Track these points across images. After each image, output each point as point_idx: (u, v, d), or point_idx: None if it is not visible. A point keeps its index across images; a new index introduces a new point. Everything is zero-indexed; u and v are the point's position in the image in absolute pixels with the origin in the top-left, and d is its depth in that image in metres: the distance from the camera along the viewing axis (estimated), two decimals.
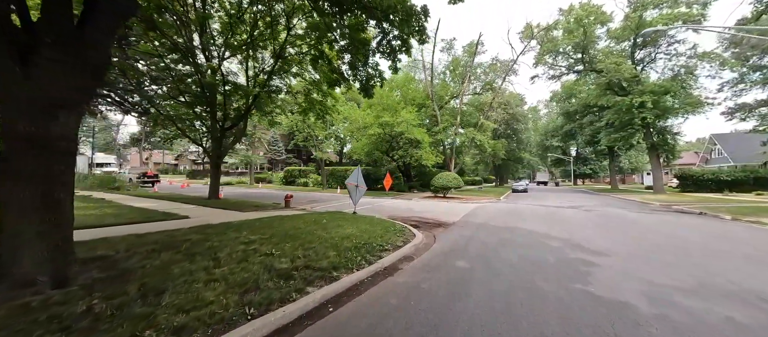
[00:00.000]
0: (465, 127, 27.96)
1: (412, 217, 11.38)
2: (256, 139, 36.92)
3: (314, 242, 6.01)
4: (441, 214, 12.17)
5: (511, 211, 13.26)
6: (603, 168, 65.52)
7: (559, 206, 15.62)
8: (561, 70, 31.83)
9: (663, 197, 23.16)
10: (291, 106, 19.14)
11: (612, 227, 8.80)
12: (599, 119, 34.27)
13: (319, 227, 7.76)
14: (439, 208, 14.39)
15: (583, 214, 12.12)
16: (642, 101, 24.82)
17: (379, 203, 16.98)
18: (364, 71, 9.15)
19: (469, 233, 8.01)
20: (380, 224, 8.60)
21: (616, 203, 18.58)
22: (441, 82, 28.07)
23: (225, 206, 12.39)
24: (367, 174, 28.54)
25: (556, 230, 8.25)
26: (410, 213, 12.49)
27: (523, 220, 10.19)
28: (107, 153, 66.70)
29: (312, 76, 15.50)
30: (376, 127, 21.27)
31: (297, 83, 18.53)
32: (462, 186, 20.96)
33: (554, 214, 11.96)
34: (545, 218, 10.81)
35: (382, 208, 14.34)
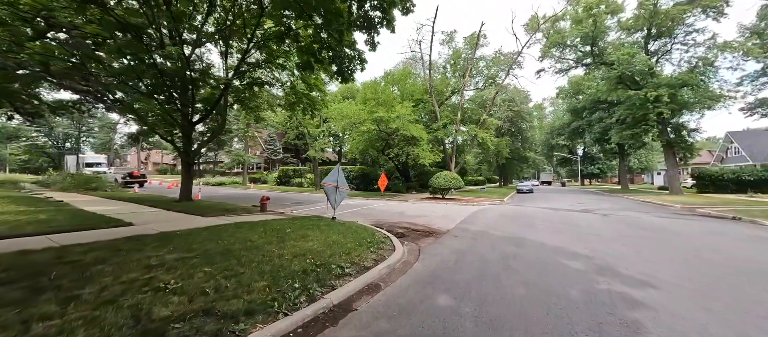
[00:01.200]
0: (467, 124, 26.28)
1: (401, 223, 9.83)
2: (248, 138, 35.58)
3: (250, 263, 4.49)
4: (435, 219, 10.60)
5: (516, 215, 11.64)
6: (611, 168, 63.44)
7: (570, 209, 13.96)
8: (569, 63, 30.04)
9: (681, 198, 21.33)
10: (279, 100, 17.68)
11: (643, 239, 7.15)
12: (609, 116, 32.44)
13: (277, 239, 6.25)
14: (435, 211, 12.81)
15: (601, 219, 10.46)
16: (657, 95, 23.02)
17: (369, 205, 15.45)
18: (339, 49, 7.59)
19: (464, 245, 6.44)
20: (355, 234, 7.06)
21: (632, 205, 16.86)
22: (441, 77, 26.41)
23: (190, 209, 10.94)
24: (363, 174, 27.06)
25: (573, 242, 6.64)
26: (400, 218, 10.93)
27: (530, 227, 8.57)
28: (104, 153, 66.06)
29: (294, 65, 14.01)
30: (370, 123, 19.73)
31: (277, 75, 17.10)
32: (462, 186, 19.35)
33: (567, 219, 10.32)
34: (557, 224, 9.18)
35: (371, 211, 12.81)
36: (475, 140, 25.43)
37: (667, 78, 24.61)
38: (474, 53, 24.83)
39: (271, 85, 15.63)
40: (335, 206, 9.69)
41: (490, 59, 26.95)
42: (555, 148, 57.09)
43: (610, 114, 32.09)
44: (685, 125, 26.38)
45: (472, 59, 25.09)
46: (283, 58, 12.28)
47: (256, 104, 17.76)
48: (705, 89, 24.53)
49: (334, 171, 9.91)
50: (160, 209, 11.13)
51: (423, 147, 20.03)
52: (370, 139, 23.46)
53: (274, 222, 8.55)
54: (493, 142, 26.48)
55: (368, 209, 13.53)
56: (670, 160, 25.82)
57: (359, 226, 8.53)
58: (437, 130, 22.52)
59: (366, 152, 24.41)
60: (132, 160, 75.57)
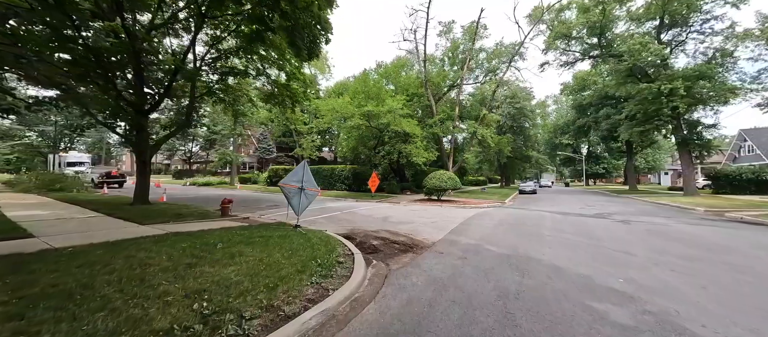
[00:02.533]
0: (466, 120, 24.51)
1: (380, 231, 8.13)
2: (236, 136, 33.92)
3: (93, 312, 2.80)
4: (423, 226, 8.88)
5: (519, 220, 9.89)
6: (616, 167, 61.40)
7: (580, 213, 12.20)
8: (575, 56, 28.18)
9: (700, 200, 19.49)
10: (255, 92, 16.07)
11: (693, 261, 5.24)
12: (617, 112, 30.56)
13: (188, 261, 4.57)
14: (426, 216, 11.09)
15: (623, 228, 8.68)
16: (672, 88, 21.17)
17: (354, 208, 13.74)
18: (291, 11, 5.89)
19: (448, 270, 4.72)
20: (308, 252, 5.38)
21: (649, 208, 15.07)
22: (438, 70, 24.65)
23: (133, 215, 9.28)
24: (355, 174, 25.32)
25: (600, 265, 4.88)
26: (382, 224, 9.23)
27: (537, 240, 6.82)
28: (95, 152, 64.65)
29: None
30: (358, 118, 18.01)
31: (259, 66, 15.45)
32: (459, 187, 17.63)
33: (581, 228, 8.54)
34: (571, 235, 7.41)
35: (351, 216, 11.10)
36: (474, 138, 23.67)
37: (682, 70, 22.79)
38: (473, 44, 23.06)
39: (243, 75, 13.96)
40: (299, 212, 7.98)
41: (490, 51, 25.16)
42: (558, 148, 55.18)
43: (618, 110, 30.22)
44: (701, 121, 24.46)
45: (470, 50, 23.31)
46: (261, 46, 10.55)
47: (233, 97, 16.15)
48: (722, 82, 22.70)
49: (298, 169, 8.21)
50: (101, 215, 9.48)
51: (416, 144, 18.29)
52: (360, 137, 21.78)
53: (215, 233, 6.87)
54: (494, 139, 24.71)
55: (350, 213, 11.83)
56: (684, 159, 23.95)
57: (323, 237, 6.83)
58: (433, 126, 20.75)
59: (357, 151, 22.69)
60: (126, 159, 74.38)
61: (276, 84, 14.81)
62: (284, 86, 15.06)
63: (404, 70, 24.64)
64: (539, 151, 53.19)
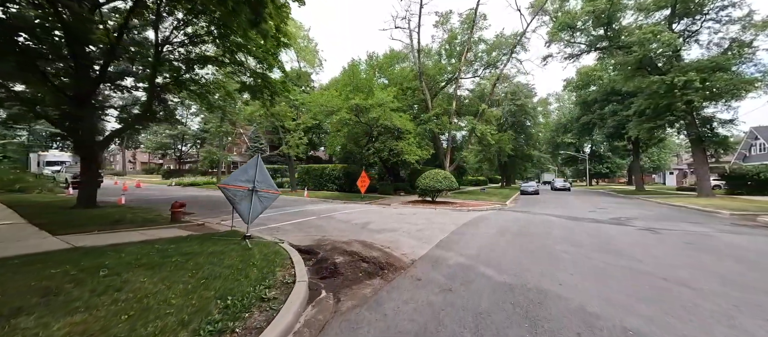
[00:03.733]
0: (465, 116, 22.89)
1: (352, 244, 6.56)
2: (223, 134, 32.44)
3: None
4: (407, 235, 7.30)
5: (522, 229, 8.29)
6: (621, 167, 59.77)
7: (594, 218, 10.59)
8: (580, 48, 26.55)
9: (717, 201, 17.91)
10: (226, 82, 14.53)
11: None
12: (625, 108, 28.89)
13: (35, 300, 3.00)
14: (414, 221, 9.51)
15: (652, 238, 7.05)
16: (687, 80, 19.53)
17: (335, 211, 12.16)
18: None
19: (422, 316, 3.14)
20: (228, 280, 3.83)
21: (666, 211, 13.46)
22: (434, 63, 23.01)
23: (58, 222, 7.72)
24: (347, 173, 23.73)
25: (653, 311, 3.24)
26: (358, 233, 7.65)
27: (552, 260, 5.11)
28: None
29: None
30: (345, 112, 16.43)
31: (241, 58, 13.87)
32: (455, 187, 16.05)
33: (603, 240, 6.77)
34: (592, 252, 5.68)
35: (327, 222, 9.54)
36: (473, 135, 22.07)
37: (697, 61, 21.18)
38: (471, 33, 21.44)
39: (215, 63, 12.41)
40: (249, 219, 6.39)
41: (490, 42, 23.54)
42: (561, 147, 53.54)
43: (625, 106, 28.56)
44: (716, 116, 22.83)
45: (469, 40, 21.69)
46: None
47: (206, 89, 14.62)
48: (738, 74, 21.09)
49: (249, 165, 6.63)
50: (22, 221, 7.93)
51: (409, 141, 16.68)
52: (350, 133, 20.20)
53: (132, 248, 5.28)
54: (494, 137, 23.11)
55: (327, 218, 10.25)
56: (698, 158, 22.32)
57: (270, 253, 5.27)
58: (428, 121, 19.13)
59: (346, 148, 21.12)
60: (120, 159, 72.90)
61: (252, 73, 13.23)
62: (261, 76, 13.49)
63: (397, 63, 23.01)
64: (541, 151, 51.61)
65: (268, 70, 14.12)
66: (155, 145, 44.27)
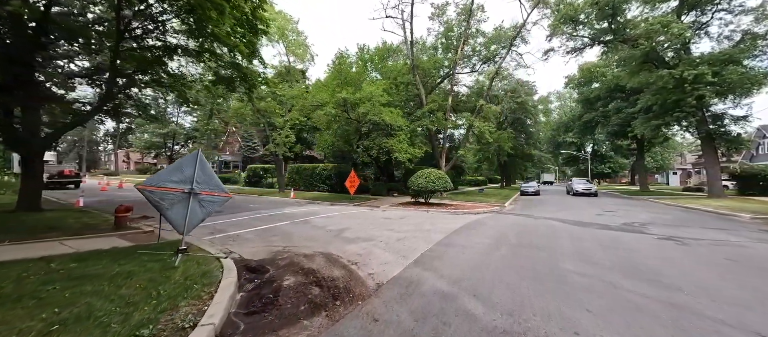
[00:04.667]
0: (462, 113, 21.67)
1: (314, 258, 5.38)
2: (210, 132, 31.25)
3: None
4: (383, 246, 6.11)
5: (523, 238, 7.08)
6: (623, 166, 58.51)
7: (604, 223, 9.39)
8: (583, 41, 25.33)
9: (731, 203, 16.71)
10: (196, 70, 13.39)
11: None
12: (630, 105, 27.67)
13: None
14: (398, 228, 8.31)
15: (681, 252, 5.79)
16: (697, 74, 18.35)
17: (313, 215, 10.96)
18: None
19: None
20: (89, 324, 2.59)
21: (681, 214, 12.26)
22: (429, 57, 21.74)
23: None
24: (338, 173, 22.52)
25: None
26: (327, 244, 6.46)
27: (562, 288, 3.77)
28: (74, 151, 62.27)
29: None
30: (332, 107, 15.23)
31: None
32: (450, 188, 14.86)
33: (622, 255, 5.41)
34: (616, 275, 4.38)
35: (300, 228, 8.34)
36: (470, 132, 20.86)
37: (708, 54, 19.99)
38: (468, 24, 20.20)
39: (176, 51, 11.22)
40: (185, 229, 5.18)
41: (489, 35, 22.32)
42: (562, 146, 52.31)
43: (630, 103, 27.36)
44: (728, 113, 21.59)
45: (465, 31, 20.44)
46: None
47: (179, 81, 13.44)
48: (751, 68, 19.92)
49: (186, 162, 5.43)
50: None
51: (400, 138, 15.46)
52: (339, 131, 19.00)
53: (28, 264, 4.09)
54: (493, 135, 21.89)
55: (301, 223, 9.06)
56: (709, 157, 21.11)
57: (196, 275, 4.08)
58: (422, 117, 17.90)
59: (335, 146, 19.93)
60: (113, 159, 71.81)
61: (226, 64, 12.05)
62: (235, 65, 12.33)
63: (391, 57, 21.75)
64: (541, 150, 50.39)
65: (247, 59, 12.97)
66: (144, 143, 43.05)
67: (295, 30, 23.63)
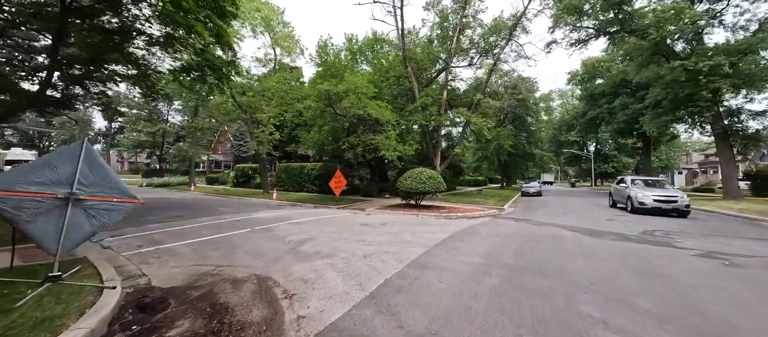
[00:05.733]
0: (458, 107, 20.20)
1: (241, 285, 3.99)
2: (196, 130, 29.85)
3: None
4: (341, 267, 4.71)
5: (523, 255, 5.66)
6: (627, 166, 56.93)
7: (620, 232, 7.95)
8: (588, 32, 23.85)
9: (753, 205, 15.30)
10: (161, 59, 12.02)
11: None
12: (637, 100, 26.21)
13: None
14: (371, 239, 6.91)
15: (740, 277, 4.21)
16: (713, 65, 16.88)
17: (280, 220, 9.57)
18: None
19: None
20: None
21: (709, 220, 10.83)
22: (423, 48, 20.22)
23: None
24: (326, 173, 21.09)
25: None
26: (276, 261, 5.07)
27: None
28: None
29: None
30: (312, 100, 13.84)
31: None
32: (442, 188, 13.46)
33: (661, 285, 3.87)
34: (671, 331, 3.08)
35: (255, 237, 6.94)
36: (468, 128, 19.43)
37: (724, 44, 18.53)
38: (464, 11, 18.74)
39: (131, 33, 9.88)
40: (59, 248, 3.77)
41: (487, 26, 20.87)
42: (564, 145, 50.82)
43: (637, 99, 25.90)
44: (745, 108, 20.10)
45: (461, 19, 18.97)
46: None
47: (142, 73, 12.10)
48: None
49: (60, 156, 4.02)
50: None
51: (388, 134, 14.04)
52: (329, 127, 17.58)
53: None
54: (492, 131, 20.44)
55: (260, 232, 7.67)
56: (725, 155, 19.61)
57: (44, 320, 2.64)
58: (414, 112, 16.46)
59: (324, 144, 18.52)
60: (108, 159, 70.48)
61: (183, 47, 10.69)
62: (200, 51, 10.97)
63: (382, 49, 20.27)
64: (543, 149, 48.90)
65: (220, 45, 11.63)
66: (132, 142, 41.69)
67: (282, 21, 22.21)
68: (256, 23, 19.40)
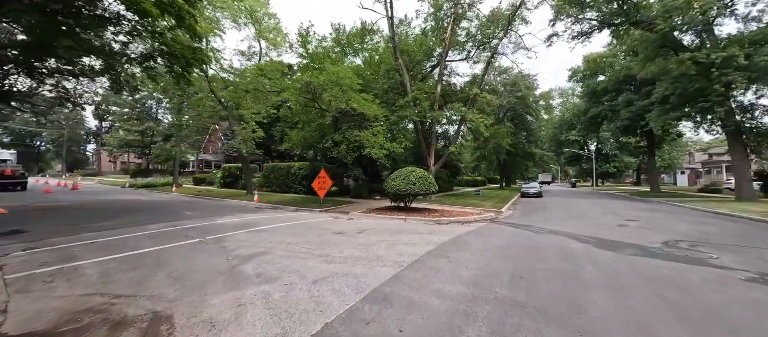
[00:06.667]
0: (453, 102, 18.97)
1: (121, 329, 2.69)
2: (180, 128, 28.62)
3: None
4: (277, 300, 3.48)
5: (524, 287, 4.37)
6: (629, 165, 55.77)
7: (641, 245, 6.73)
8: (591, 24, 22.63)
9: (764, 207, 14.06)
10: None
11: None
12: (642, 97, 24.98)
13: None
14: (337, 253, 5.69)
15: None
16: (726, 57, 15.71)
17: (244, 226, 8.33)
18: None
19: None
20: None
21: (731, 226, 9.60)
22: (415, 37, 18.95)
23: None
24: (313, 173, 19.84)
25: None
26: (188, 293, 3.82)
27: None
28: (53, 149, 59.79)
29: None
30: (291, 93, 12.60)
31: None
32: (433, 190, 12.24)
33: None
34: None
35: (198, 249, 5.70)
36: (463, 125, 18.21)
37: (737, 35, 17.36)
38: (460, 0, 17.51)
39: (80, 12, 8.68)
40: None
41: (485, 16, 19.63)
42: (564, 144, 49.62)
43: (642, 95, 24.65)
44: (758, 104, 18.91)
45: (456, 6, 17.71)
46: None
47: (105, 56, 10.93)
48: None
49: None
50: None
51: (375, 130, 12.79)
52: (315, 123, 16.35)
53: None
54: (489, 128, 19.21)
55: (212, 240, 6.44)
56: (737, 153, 18.39)
57: None
58: (405, 107, 15.22)
59: (309, 143, 17.27)
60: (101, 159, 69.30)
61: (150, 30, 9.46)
62: (159, 35, 9.79)
63: (372, 38, 18.98)
64: (543, 149, 47.71)
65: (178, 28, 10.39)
66: (118, 142, 40.38)
67: (268, 12, 20.91)
68: (237, 12, 18.10)
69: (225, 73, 18.18)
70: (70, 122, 61.55)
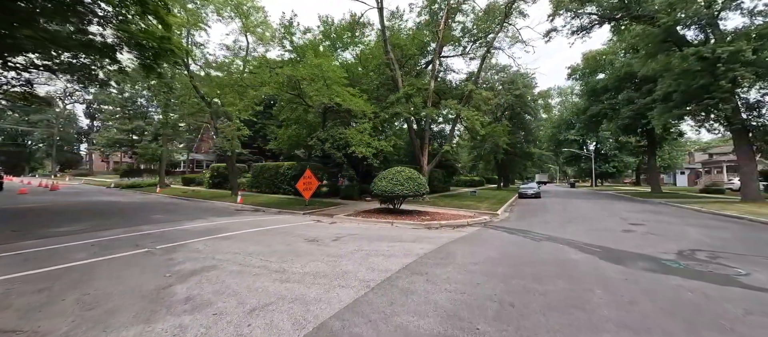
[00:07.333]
0: (447, 99, 18.14)
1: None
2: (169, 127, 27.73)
3: None
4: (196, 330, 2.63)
5: (511, 306, 3.61)
6: (629, 165, 55.11)
7: (655, 256, 5.91)
8: (591, 18, 21.85)
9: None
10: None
11: None
12: (643, 94, 24.21)
13: None
14: (294, 271, 4.86)
15: None
16: (733, 51, 14.97)
17: (213, 231, 7.49)
18: None
19: None
20: None
21: (747, 232, 8.81)
22: (408, 35, 18.10)
23: None
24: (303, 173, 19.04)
25: None
26: (89, 327, 2.95)
27: None
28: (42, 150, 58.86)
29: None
30: (272, 88, 11.76)
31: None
32: (423, 191, 11.43)
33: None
34: None
35: (148, 260, 4.86)
36: (459, 122, 17.39)
37: (745, 29, 16.60)
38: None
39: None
40: None
41: (482, 9, 18.80)
42: (563, 144, 48.91)
43: (643, 93, 23.88)
44: (763, 101, 18.14)
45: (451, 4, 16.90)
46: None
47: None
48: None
49: None
50: None
51: (362, 127, 11.96)
52: (301, 120, 15.47)
53: None
54: (486, 128, 18.40)
55: (167, 249, 5.60)
56: (744, 153, 17.65)
57: None
58: (396, 103, 14.37)
59: (296, 141, 16.41)
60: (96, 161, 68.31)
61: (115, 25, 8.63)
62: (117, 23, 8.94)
63: (363, 33, 18.12)
64: (542, 148, 46.95)
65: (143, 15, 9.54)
66: (106, 140, 39.37)
67: (255, 6, 20.04)
68: (222, 5, 17.23)
69: (209, 68, 17.30)
70: (62, 121, 60.48)
